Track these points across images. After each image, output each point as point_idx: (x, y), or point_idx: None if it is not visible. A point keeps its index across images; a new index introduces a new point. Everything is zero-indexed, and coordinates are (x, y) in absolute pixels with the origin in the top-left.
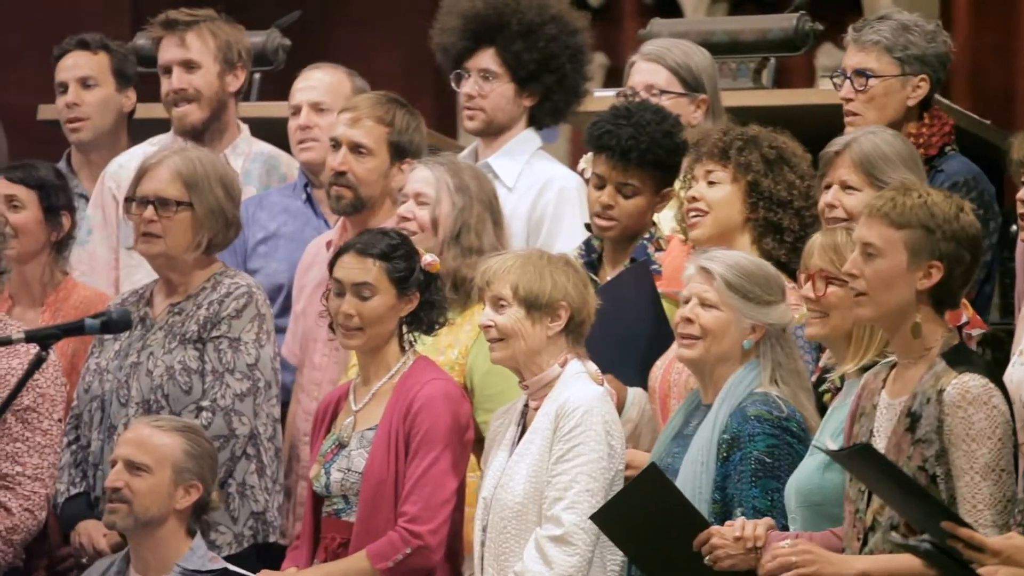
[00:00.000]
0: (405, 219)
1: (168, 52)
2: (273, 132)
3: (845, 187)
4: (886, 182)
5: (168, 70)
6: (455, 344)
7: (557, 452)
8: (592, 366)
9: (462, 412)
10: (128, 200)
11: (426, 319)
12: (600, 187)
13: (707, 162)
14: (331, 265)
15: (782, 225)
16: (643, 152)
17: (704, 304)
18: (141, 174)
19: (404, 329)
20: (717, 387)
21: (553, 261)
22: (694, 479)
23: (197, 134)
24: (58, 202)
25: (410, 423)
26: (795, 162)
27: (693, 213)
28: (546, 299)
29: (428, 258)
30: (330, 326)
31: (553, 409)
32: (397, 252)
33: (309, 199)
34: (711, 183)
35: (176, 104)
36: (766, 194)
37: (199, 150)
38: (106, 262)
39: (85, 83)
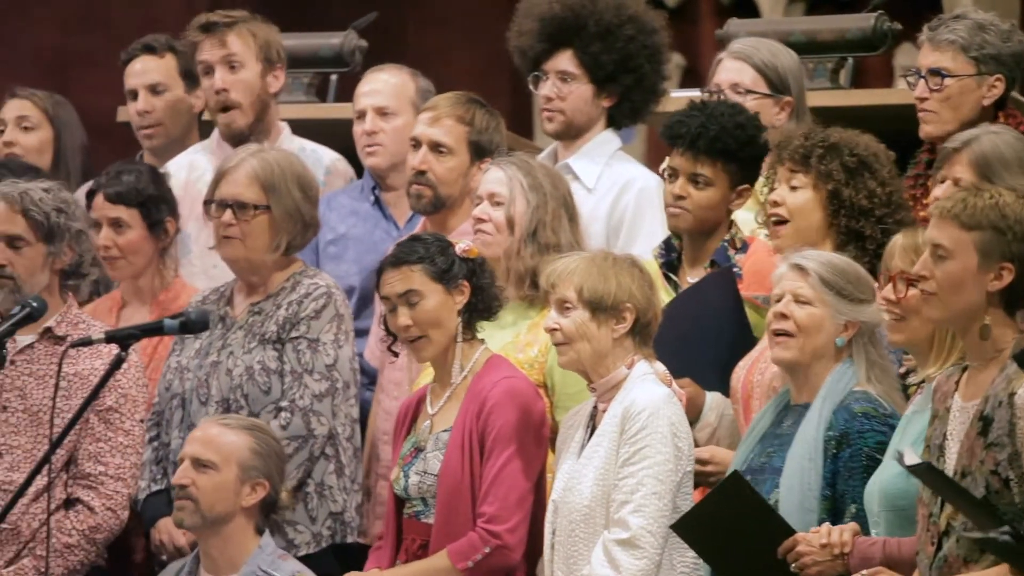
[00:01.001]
0: (480, 220)
1: (209, 52)
2: (351, 133)
3: (957, 184)
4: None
5: (210, 71)
6: (535, 342)
7: (624, 455)
8: (660, 367)
9: (535, 409)
10: (207, 203)
11: (482, 304)
12: (673, 180)
13: (789, 165)
14: (377, 287)
15: (864, 233)
16: (712, 140)
17: (798, 300)
18: (219, 177)
19: (460, 321)
20: (813, 386)
21: (618, 262)
22: (801, 477)
23: (243, 138)
24: (160, 214)
25: (483, 423)
26: (877, 168)
27: (775, 219)
28: (611, 301)
29: (462, 244)
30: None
31: (619, 411)
32: (430, 250)
33: (377, 201)
34: (793, 187)
35: (221, 109)
36: (847, 203)
37: (276, 151)
38: (201, 260)
39: (154, 89)
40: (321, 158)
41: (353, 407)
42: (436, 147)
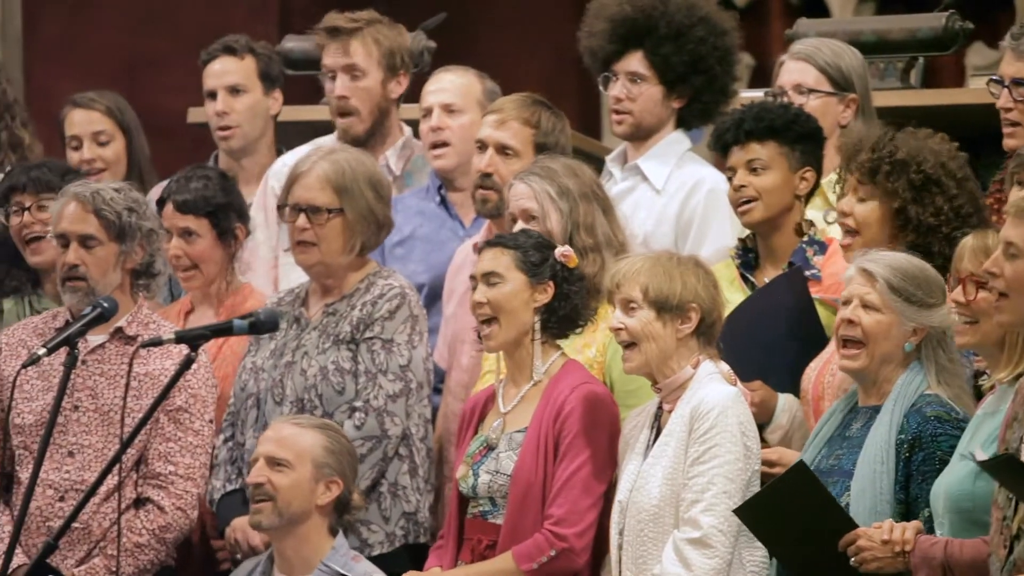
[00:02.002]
0: None
1: (332, 58)
2: (417, 134)
3: None
4: None
5: (332, 75)
6: (592, 343)
7: (693, 454)
8: (724, 366)
9: (611, 416)
10: (280, 207)
11: (563, 311)
12: (733, 178)
13: (857, 176)
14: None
15: (931, 250)
16: (755, 120)
17: (866, 306)
18: (292, 180)
19: (537, 321)
20: (881, 389)
21: (683, 262)
22: (873, 480)
23: (360, 143)
24: (229, 222)
25: (559, 426)
26: (945, 183)
27: (844, 229)
28: (676, 301)
29: (563, 249)
30: (479, 336)
31: (687, 411)
32: (530, 241)
33: (443, 201)
34: (861, 199)
35: (341, 114)
36: (914, 221)
37: (347, 151)
38: (266, 261)
39: (233, 90)
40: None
41: (426, 407)
42: (503, 149)
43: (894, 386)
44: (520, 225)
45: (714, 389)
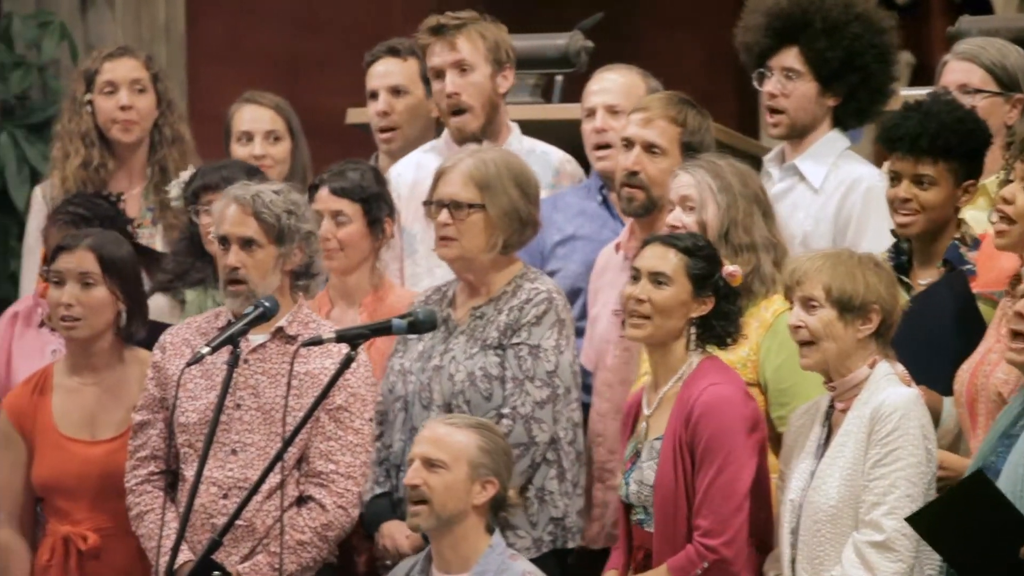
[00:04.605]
0: (674, 228)
1: (439, 56)
2: (576, 134)
3: None
4: None
5: (440, 74)
6: (744, 342)
7: (874, 456)
8: (900, 367)
9: (743, 414)
10: (427, 203)
11: (719, 328)
12: (896, 184)
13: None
14: (635, 256)
15: None
16: (932, 139)
17: None
18: (438, 177)
19: (693, 333)
20: None
21: (863, 261)
22: (1014, 480)
23: (474, 140)
24: (380, 212)
25: (692, 432)
26: None
27: (999, 215)
28: (859, 301)
29: (730, 268)
30: (623, 322)
31: (867, 412)
32: (701, 251)
33: (605, 201)
34: None
35: (453, 113)
36: None
37: (495, 150)
38: (389, 271)
39: (395, 91)
40: (550, 159)
41: (575, 411)
42: (649, 148)
43: None
44: (677, 212)
45: (895, 391)
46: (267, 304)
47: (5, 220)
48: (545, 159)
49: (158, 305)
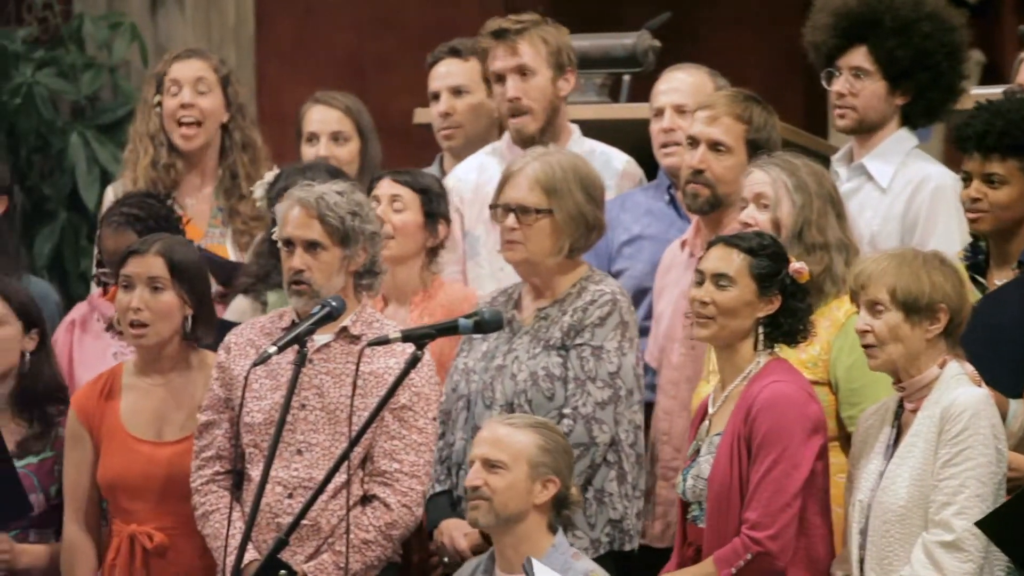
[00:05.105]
0: (747, 225)
1: (501, 60)
2: (643, 134)
3: None
4: None
5: (502, 78)
6: (814, 341)
7: (944, 456)
8: (969, 367)
9: (803, 413)
10: (492, 207)
11: (787, 326)
12: (968, 184)
13: None
14: (701, 258)
15: None
16: (999, 136)
17: None
18: (504, 181)
19: (761, 332)
20: None
21: (928, 261)
22: None
23: (533, 142)
24: (438, 209)
25: (750, 427)
26: None
27: None
28: (925, 301)
29: (797, 265)
30: (690, 322)
31: (937, 412)
32: (765, 250)
33: (672, 200)
34: None
35: (513, 115)
36: None
37: (560, 153)
38: (449, 274)
39: (457, 91)
40: (611, 161)
41: (637, 414)
42: (715, 146)
43: None
44: (751, 209)
45: (965, 391)
46: (334, 304)
47: (76, 220)
48: (606, 160)
49: (240, 307)
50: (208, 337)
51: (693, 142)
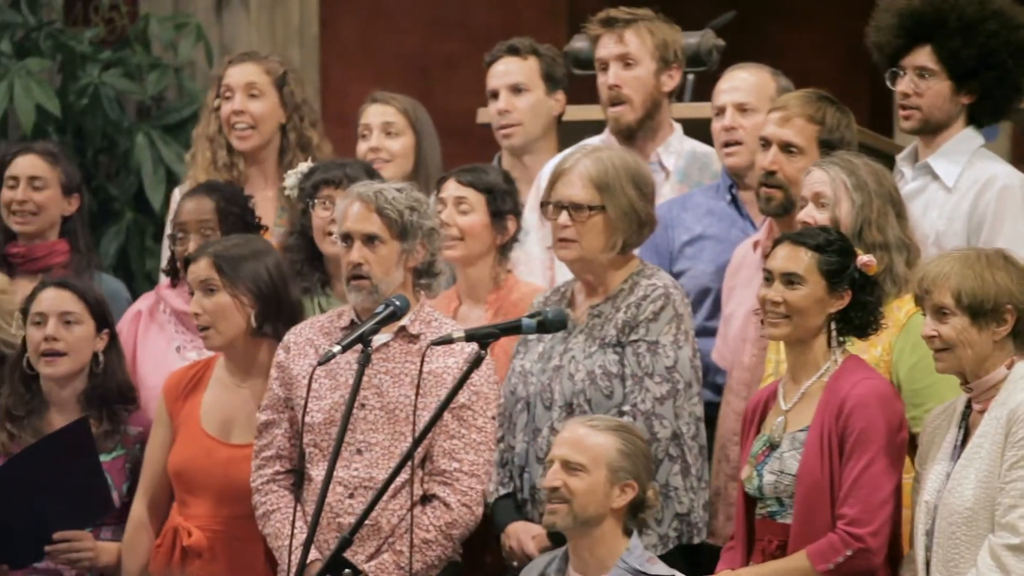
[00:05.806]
0: (806, 224)
1: (606, 48)
2: (706, 133)
3: None
4: None
5: (605, 66)
6: (877, 341)
7: (1010, 458)
8: None
9: (896, 412)
10: (544, 204)
11: (857, 320)
12: None
13: None
14: (767, 257)
15: None
16: None
17: None
18: (555, 178)
19: (834, 328)
20: None
21: (992, 261)
22: None
23: (631, 134)
24: (505, 207)
25: (843, 424)
26: None
27: None
28: (991, 304)
29: (864, 258)
30: (761, 322)
31: (1004, 414)
32: (832, 246)
33: (734, 200)
34: None
35: (612, 103)
36: None
37: (611, 149)
38: (541, 261)
39: (516, 89)
40: (712, 162)
41: (697, 406)
42: (787, 147)
43: None
44: (810, 208)
45: None
46: (397, 303)
47: (142, 220)
48: (706, 162)
49: None
50: (280, 330)
51: (765, 144)
